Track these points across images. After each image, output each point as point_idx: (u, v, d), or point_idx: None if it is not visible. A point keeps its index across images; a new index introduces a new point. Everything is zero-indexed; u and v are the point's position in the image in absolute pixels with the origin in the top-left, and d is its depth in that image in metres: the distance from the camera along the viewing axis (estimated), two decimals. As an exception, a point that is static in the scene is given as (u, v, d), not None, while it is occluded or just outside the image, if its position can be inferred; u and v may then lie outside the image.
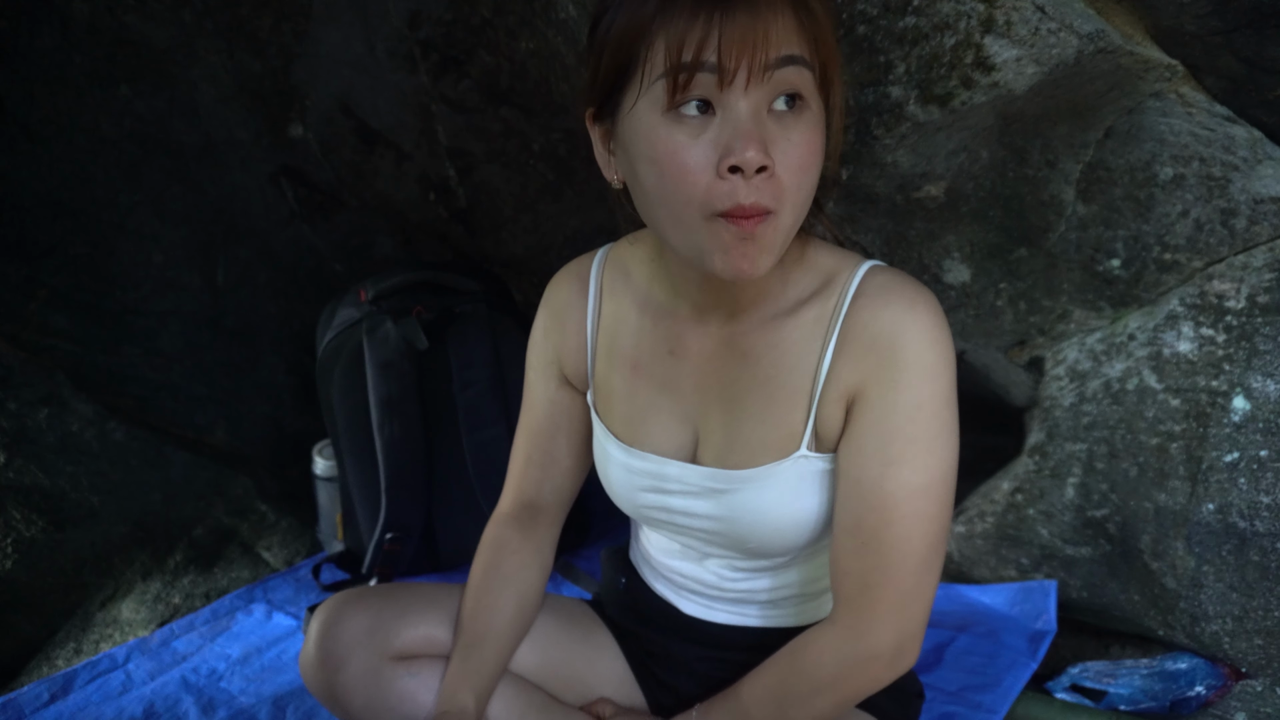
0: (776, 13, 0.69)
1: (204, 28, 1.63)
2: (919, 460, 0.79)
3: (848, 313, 0.82)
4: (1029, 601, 1.39)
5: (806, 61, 0.71)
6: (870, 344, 0.80)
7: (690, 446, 0.91)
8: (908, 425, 0.79)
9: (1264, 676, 1.21)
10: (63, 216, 1.68)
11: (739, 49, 0.68)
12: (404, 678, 0.96)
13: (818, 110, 0.73)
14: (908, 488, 0.79)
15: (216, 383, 1.88)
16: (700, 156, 0.71)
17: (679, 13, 0.69)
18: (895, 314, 0.79)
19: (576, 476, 1.06)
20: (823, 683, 0.85)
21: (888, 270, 0.84)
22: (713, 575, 0.97)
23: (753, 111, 0.70)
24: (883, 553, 0.81)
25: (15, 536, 1.55)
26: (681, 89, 0.70)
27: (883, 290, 0.81)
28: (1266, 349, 1.19)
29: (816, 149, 0.73)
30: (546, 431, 1.02)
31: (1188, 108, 1.15)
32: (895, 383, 0.79)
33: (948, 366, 0.80)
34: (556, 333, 0.99)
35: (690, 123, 0.71)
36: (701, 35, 0.68)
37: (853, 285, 0.82)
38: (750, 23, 0.68)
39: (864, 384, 0.81)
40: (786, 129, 0.71)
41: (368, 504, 1.60)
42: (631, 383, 0.93)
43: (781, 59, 0.70)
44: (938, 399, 0.79)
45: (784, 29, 0.70)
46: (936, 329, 0.79)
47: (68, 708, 1.32)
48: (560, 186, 1.74)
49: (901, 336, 0.79)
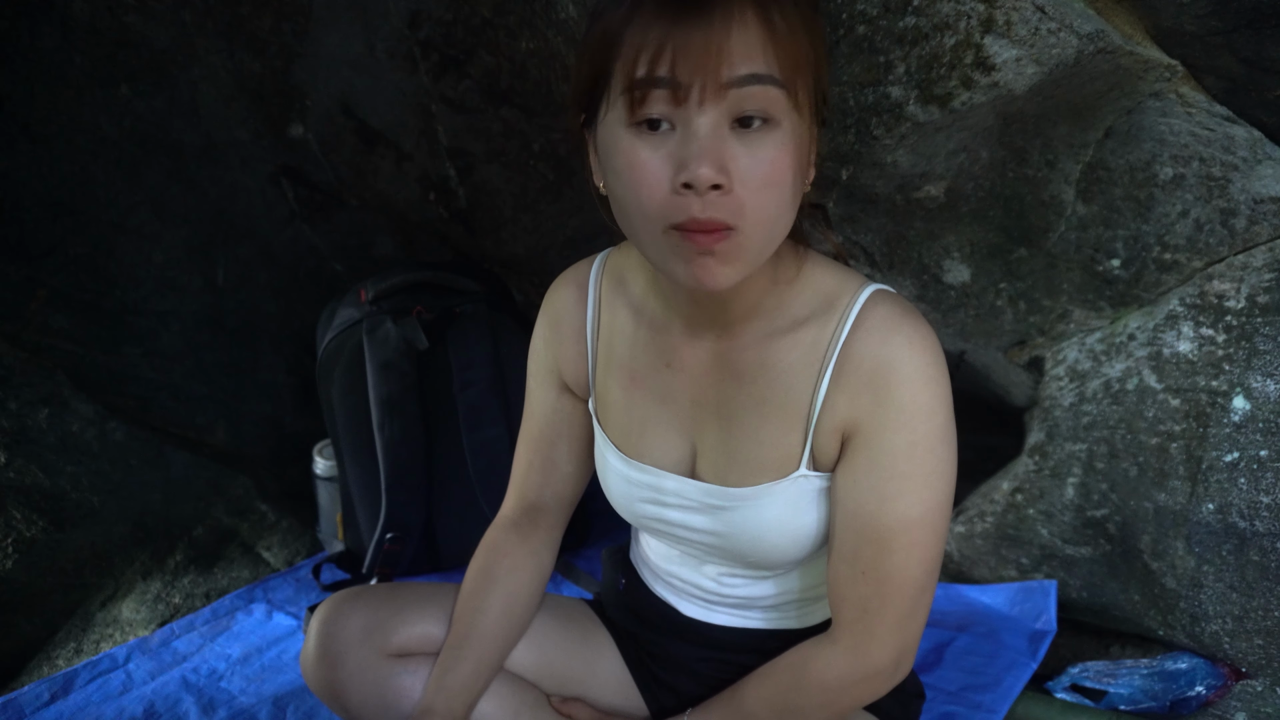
0: (739, 27, 0.67)
1: (204, 28, 1.63)
2: (915, 495, 0.80)
3: (846, 341, 0.81)
4: (1029, 601, 1.39)
5: (774, 79, 0.68)
6: (868, 380, 0.80)
7: (688, 460, 0.91)
8: (904, 463, 0.79)
9: (1264, 676, 1.21)
10: (63, 216, 1.68)
11: (694, 66, 0.67)
12: (401, 675, 0.96)
13: (790, 127, 0.70)
14: (904, 520, 0.80)
15: (216, 383, 1.88)
16: (659, 170, 0.70)
17: (639, 26, 0.68)
18: (893, 351, 0.79)
19: (578, 482, 1.06)
20: (825, 697, 0.87)
21: (889, 298, 0.82)
22: (712, 581, 0.97)
23: (711, 127, 0.68)
24: (881, 580, 0.81)
25: (15, 536, 1.55)
26: (639, 104, 0.69)
27: (883, 323, 0.80)
28: (1266, 349, 1.19)
29: (784, 167, 0.70)
30: (548, 438, 1.02)
31: (1187, 108, 1.15)
32: (891, 422, 0.79)
33: (944, 404, 0.80)
34: (556, 341, 0.99)
35: (651, 136, 0.70)
36: (656, 50, 0.67)
37: (853, 312, 0.81)
38: (705, 39, 0.66)
39: (860, 420, 0.81)
40: (750, 146, 0.69)
41: (368, 504, 1.60)
42: (630, 393, 0.93)
43: (742, 77, 0.67)
44: (933, 436, 0.79)
45: (747, 45, 0.67)
46: (933, 366, 0.79)
47: (68, 707, 1.32)
48: (560, 186, 1.74)
49: (897, 374, 0.78)
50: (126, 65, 1.65)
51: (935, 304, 1.43)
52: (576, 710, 1.02)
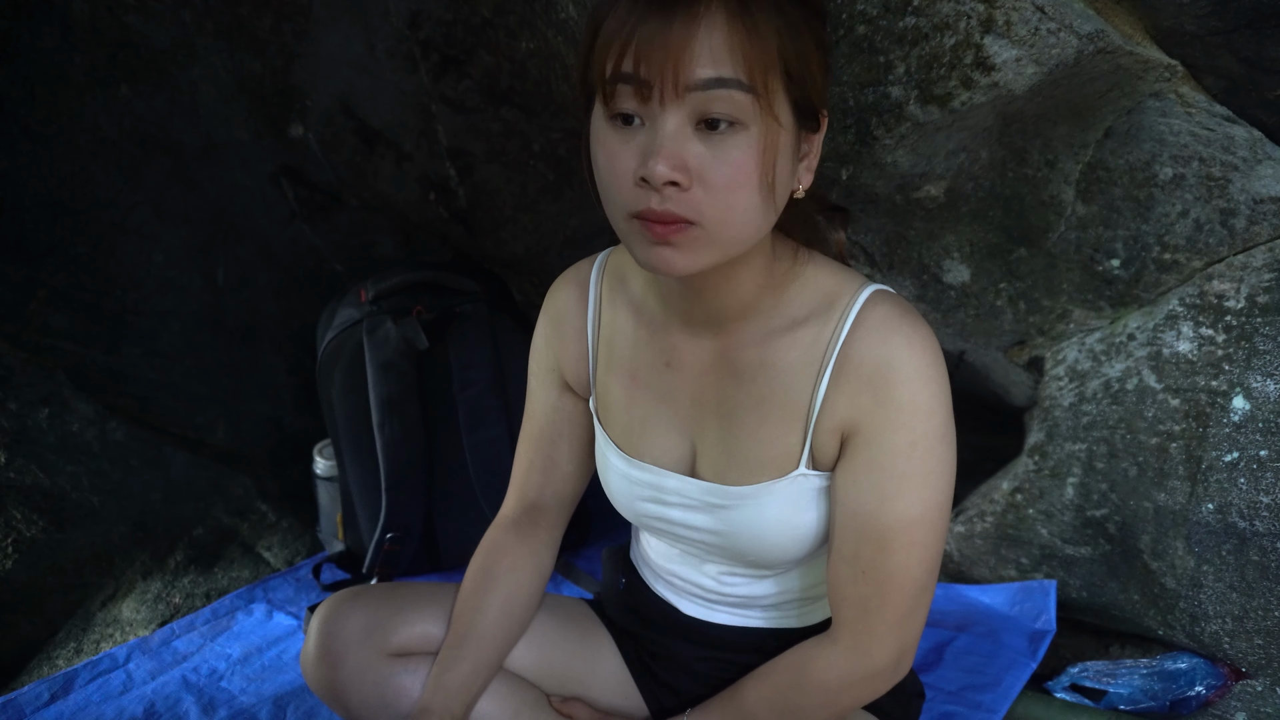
0: (706, 29, 0.67)
1: (204, 28, 1.63)
2: (915, 494, 0.80)
3: (845, 341, 0.81)
4: (1029, 601, 1.39)
5: (741, 83, 0.68)
6: (867, 380, 0.80)
7: (688, 459, 0.92)
8: (903, 463, 0.80)
9: (1264, 676, 1.21)
10: (63, 216, 1.68)
11: (657, 66, 0.67)
12: (400, 674, 0.96)
13: (762, 130, 0.70)
14: (904, 520, 0.80)
15: (216, 383, 1.88)
16: (626, 161, 0.71)
17: (615, 21, 0.69)
18: (892, 351, 0.79)
19: (578, 481, 1.06)
20: (825, 697, 0.88)
21: (888, 299, 0.82)
22: (712, 580, 0.97)
23: (675, 127, 0.69)
24: (881, 580, 0.82)
25: (15, 536, 1.55)
26: (610, 98, 0.71)
27: (882, 324, 0.80)
28: (1266, 349, 1.19)
29: (748, 170, 0.70)
30: (548, 438, 1.03)
31: (1187, 108, 1.15)
32: (891, 422, 0.79)
33: (943, 403, 0.81)
34: (557, 340, 0.99)
35: (625, 129, 0.72)
36: (623, 46, 0.68)
37: (852, 312, 0.82)
38: (666, 40, 0.66)
39: (859, 420, 0.81)
40: (715, 147, 0.70)
41: (368, 504, 1.60)
42: (630, 393, 0.93)
43: (705, 80, 0.67)
44: (932, 436, 0.80)
45: (713, 46, 0.67)
46: (932, 366, 0.80)
47: (68, 707, 1.32)
48: (560, 186, 1.74)
49: (897, 374, 0.79)
50: (126, 65, 1.65)
51: (935, 304, 1.43)
52: (576, 710, 1.02)
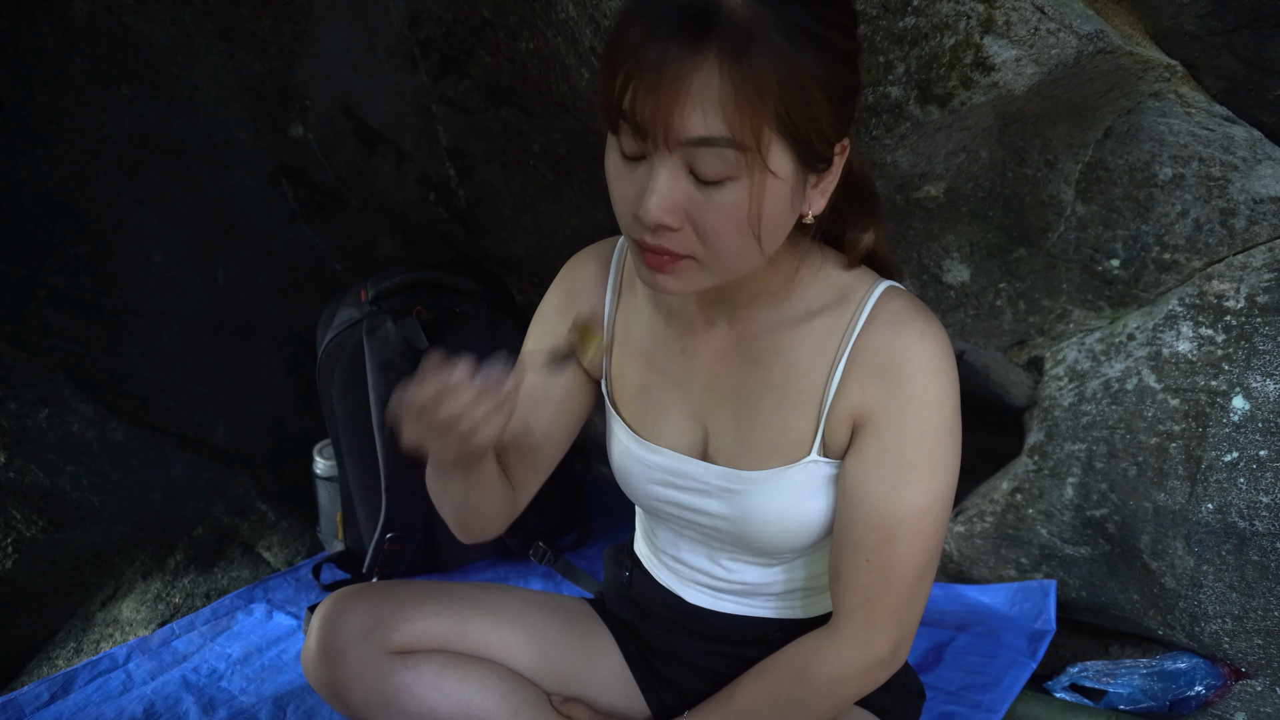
0: (699, 85, 0.66)
1: (204, 28, 1.63)
2: (922, 484, 0.82)
3: (860, 333, 0.83)
4: (1028, 601, 1.39)
5: (729, 141, 0.67)
6: (880, 371, 0.82)
7: (701, 444, 0.92)
8: (912, 453, 0.82)
9: (1263, 676, 1.21)
10: (63, 216, 1.68)
11: (649, 118, 0.68)
12: (402, 671, 0.96)
13: (755, 179, 0.69)
14: (910, 509, 0.82)
15: (216, 383, 1.88)
16: (629, 190, 0.73)
17: (619, 56, 0.69)
18: (907, 344, 0.81)
19: (545, 457, 1.01)
20: (828, 689, 0.89)
21: (902, 294, 0.85)
22: (720, 568, 0.98)
23: (670, 172, 0.70)
24: (884, 569, 0.84)
25: (15, 536, 1.55)
26: (613, 129, 0.72)
27: (896, 317, 0.82)
28: (1266, 349, 1.19)
29: (738, 218, 0.71)
30: (530, 397, 0.98)
31: (1187, 108, 1.15)
32: (902, 412, 0.81)
33: (952, 396, 0.83)
34: (570, 310, 0.98)
35: (628, 160, 0.73)
36: (622, 87, 0.69)
37: (868, 306, 0.84)
38: (656, 94, 0.66)
39: (871, 410, 0.83)
40: (708, 194, 0.70)
41: (368, 504, 1.60)
42: (646, 377, 0.94)
43: (693, 140, 0.67)
44: (941, 427, 0.82)
45: (705, 104, 0.66)
46: (944, 360, 0.82)
47: (68, 707, 1.32)
48: (560, 186, 1.74)
49: (909, 366, 0.81)
50: (126, 65, 1.65)
51: (935, 304, 1.43)
52: (576, 711, 1.02)
